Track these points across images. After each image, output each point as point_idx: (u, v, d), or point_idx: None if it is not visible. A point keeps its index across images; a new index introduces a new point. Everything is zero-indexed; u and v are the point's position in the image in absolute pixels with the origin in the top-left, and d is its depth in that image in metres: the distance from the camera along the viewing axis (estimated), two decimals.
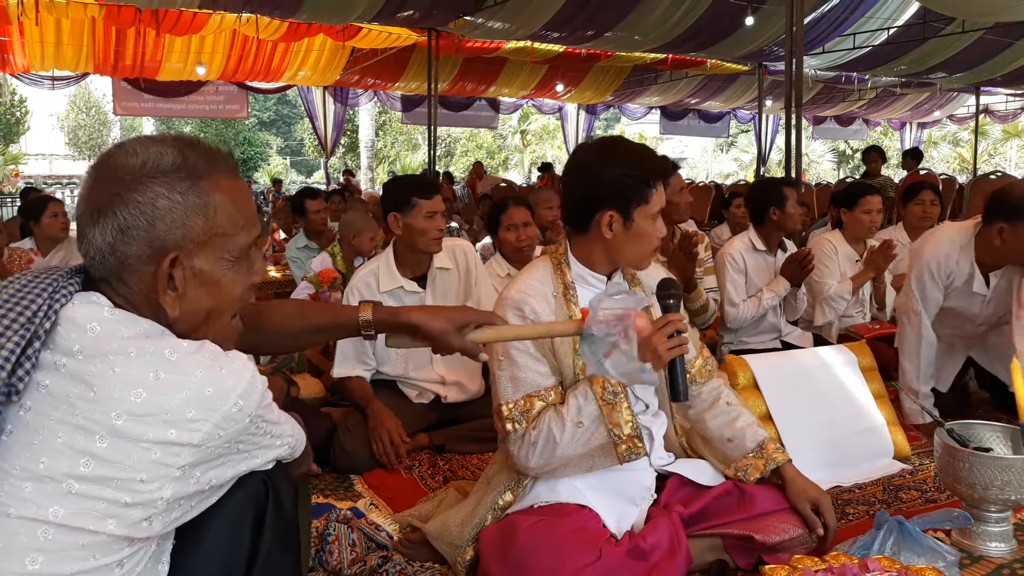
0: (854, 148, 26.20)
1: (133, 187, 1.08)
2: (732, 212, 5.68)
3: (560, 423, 1.70)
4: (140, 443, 1.02)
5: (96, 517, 1.02)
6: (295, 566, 1.32)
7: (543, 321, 1.77)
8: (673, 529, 1.72)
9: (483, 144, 29.45)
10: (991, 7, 7.98)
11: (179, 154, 1.12)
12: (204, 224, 1.11)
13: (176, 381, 1.04)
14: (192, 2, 8.47)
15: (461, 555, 1.83)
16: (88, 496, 1.01)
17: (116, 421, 1.01)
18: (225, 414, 1.06)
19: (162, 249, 1.09)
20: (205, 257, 1.12)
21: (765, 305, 3.50)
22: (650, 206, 1.77)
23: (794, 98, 6.24)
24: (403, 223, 2.77)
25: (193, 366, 1.05)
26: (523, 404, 1.74)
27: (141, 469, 1.02)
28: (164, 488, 1.04)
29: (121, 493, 1.02)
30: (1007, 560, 1.91)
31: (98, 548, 1.04)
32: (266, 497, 1.24)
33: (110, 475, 1.01)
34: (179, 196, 1.09)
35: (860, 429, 2.57)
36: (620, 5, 9.32)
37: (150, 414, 1.02)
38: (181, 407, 1.03)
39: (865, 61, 11.99)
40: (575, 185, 1.84)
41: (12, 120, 23.99)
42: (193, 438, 1.04)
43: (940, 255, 2.82)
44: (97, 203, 1.08)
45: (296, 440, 1.28)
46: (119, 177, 1.08)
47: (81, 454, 1.01)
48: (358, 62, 13.60)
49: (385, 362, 2.85)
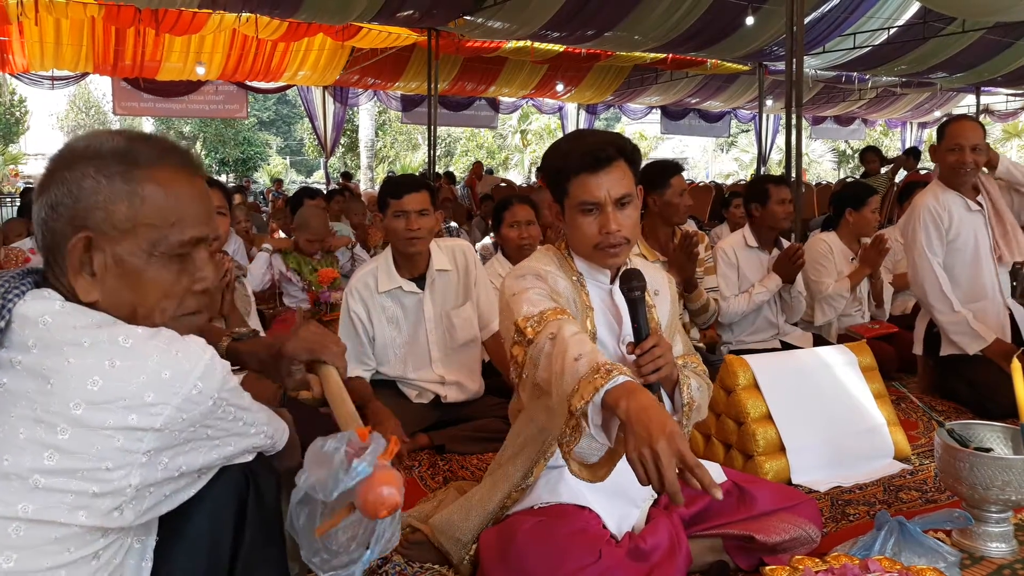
0: (854, 148, 26.20)
1: (68, 166, 1.10)
2: (732, 212, 5.69)
3: (573, 340, 1.51)
4: (101, 431, 1.02)
5: (66, 509, 1.02)
6: (279, 558, 1.32)
7: (563, 292, 1.74)
8: (673, 530, 1.72)
9: (483, 144, 29.45)
10: (991, 7, 7.97)
11: (126, 143, 1.13)
12: (127, 211, 1.11)
13: (132, 367, 1.04)
14: (192, 2, 8.46)
15: (467, 551, 1.82)
16: (55, 489, 1.01)
17: (75, 411, 1.01)
18: (185, 396, 1.05)
19: (81, 228, 1.09)
20: (127, 246, 1.11)
21: (756, 300, 3.51)
22: (571, 198, 1.76)
23: (794, 98, 6.23)
24: (384, 224, 2.80)
25: (149, 351, 1.05)
26: (539, 316, 1.63)
27: (105, 457, 1.02)
28: (131, 475, 1.04)
29: (88, 483, 1.02)
30: (1008, 560, 1.91)
31: (71, 541, 1.04)
32: (247, 489, 1.24)
33: (75, 466, 1.01)
34: (104, 179, 1.10)
35: (860, 429, 2.57)
36: (620, 5, 9.32)
37: (109, 401, 1.02)
38: (139, 392, 1.03)
39: (865, 61, 11.99)
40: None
41: (12, 120, 23.99)
42: (155, 422, 1.04)
43: (929, 201, 3.27)
44: (42, 181, 1.12)
45: (276, 431, 1.27)
46: (62, 157, 1.12)
47: (44, 447, 1.01)
48: (358, 62, 13.59)
49: (384, 362, 2.85)
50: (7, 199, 14.69)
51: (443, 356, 2.86)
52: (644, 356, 1.64)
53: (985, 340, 3.15)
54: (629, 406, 1.32)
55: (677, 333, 1.98)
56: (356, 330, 2.80)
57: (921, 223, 3.25)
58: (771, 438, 2.46)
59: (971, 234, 3.27)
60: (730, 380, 2.56)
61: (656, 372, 1.65)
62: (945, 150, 3.24)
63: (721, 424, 2.59)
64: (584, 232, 1.76)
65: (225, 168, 27.73)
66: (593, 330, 1.80)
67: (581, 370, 1.42)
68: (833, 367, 2.68)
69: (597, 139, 1.76)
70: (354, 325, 2.80)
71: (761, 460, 2.43)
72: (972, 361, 3.18)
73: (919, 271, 3.28)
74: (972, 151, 3.18)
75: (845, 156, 28.88)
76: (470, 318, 2.89)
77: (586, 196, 1.73)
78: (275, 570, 1.32)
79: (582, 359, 1.45)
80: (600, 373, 1.38)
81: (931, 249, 3.23)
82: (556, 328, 1.57)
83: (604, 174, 1.72)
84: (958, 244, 3.26)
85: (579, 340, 1.52)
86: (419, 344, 2.84)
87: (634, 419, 1.30)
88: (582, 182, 1.73)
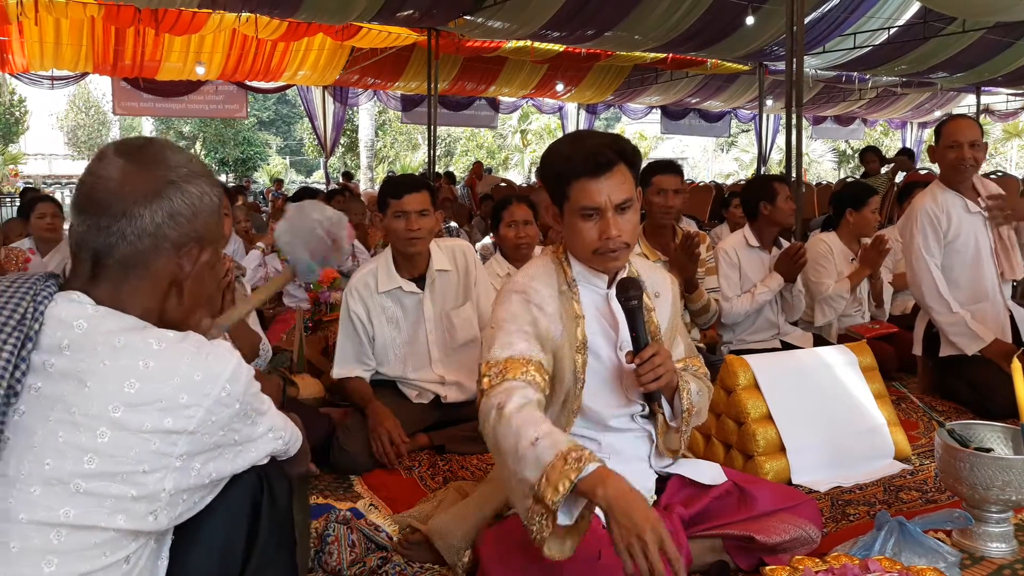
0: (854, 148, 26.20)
1: (188, 179, 1.16)
2: (732, 212, 5.69)
3: (521, 418, 1.51)
4: (139, 434, 1.04)
5: (106, 513, 1.03)
6: (290, 562, 1.33)
7: (549, 308, 1.76)
8: (673, 530, 1.71)
9: (483, 144, 29.45)
10: (991, 7, 7.97)
11: (205, 166, 1.24)
12: (216, 226, 1.21)
13: (166, 368, 1.07)
14: (191, 2, 8.46)
15: (460, 556, 1.82)
16: (96, 494, 1.03)
17: (115, 414, 1.03)
18: (216, 399, 1.09)
19: (198, 240, 1.17)
20: (208, 256, 1.20)
21: (759, 300, 3.51)
22: (571, 203, 1.73)
23: (794, 98, 6.23)
24: (383, 224, 2.79)
25: (180, 354, 1.09)
26: (503, 364, 1.65)
27: (143, 460, 1.04)
28: (166, 479, 1.07)
29: (127, 487, 1.04)
30: (1008, 561, 1.91)
31: (108, 545, 1.05)
32: (261, 492, 1.25)
33: (114, 469, 1.03)
34: (216, 197, 1.20)
35: (861, 429, 2.57)
36: (620, 5, 9.31)
37: (146, 403, 1.05)
38: (174, 394, 1.06)
39: (865, 61, 11.98)
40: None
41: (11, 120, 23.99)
42: (188, 425, 1.07)
43: (928, 202, 3.28)
44: (153, 184, 1.13)
45: (291, 436, 1.30)
46: (172, 167, 1.16)
47: (84, 451, 1.02)
48: (358, 62, 13.58)
49: (384, 362, 2.85)
50: (7, 199, 14.69)
51: (443, 356, 2.86)
52: (644, 365, 1.66)
53: (984, 341, 3.16)
54: (608, 494, 1.35)
55: (679, 335, 1.98)
56: (356, 330, 2.80)
57: (919, 225, 3.25)
58: (771, 438, 2.46)
59: (971, 235, 3.26)
60: (730, 380, 2.56)
61: (656, 381, 1.66)
62: (944, 148, 3.25)
63: (721, 424, 2.59)
64: (584, 237, 1.74)
65: (225, 168, 27.72)
66: (583, 339, 1.78)
67: (545, 457, 1.41)
68: (833, 367, 2.68)
69: (597, 142, 1.73)
70: (354, 325, 2.80)
71: (761, 460, 2.43)
72: (972, 361, 3.18)
73: (916, 273, 3.28)
74: (971, 147, 3.19)
75: (845, 156, 28.88)
76: (470, 318, 2.89)
77: (586, 201, 1.70)
78: (286, 573, 1.32)
79: (541, 442, 1.44)
80: (570, 463, 1.38)
81: (928, 251, 3.24)
82: (503, 398, 1.56)
83: (605, 179, 1.69)
84: (957, 245, 3.26)
85: (528, 417, 1.51)
86: (419, 344, 2.84)
87: (616, 509, 1.34)
88: (582, 187, 1.70)
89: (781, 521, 1.81)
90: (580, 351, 1.78)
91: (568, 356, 1.77)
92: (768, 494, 1.87)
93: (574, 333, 1.78)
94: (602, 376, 1.81)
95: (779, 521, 1.81)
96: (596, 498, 1.36)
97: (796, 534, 1.80)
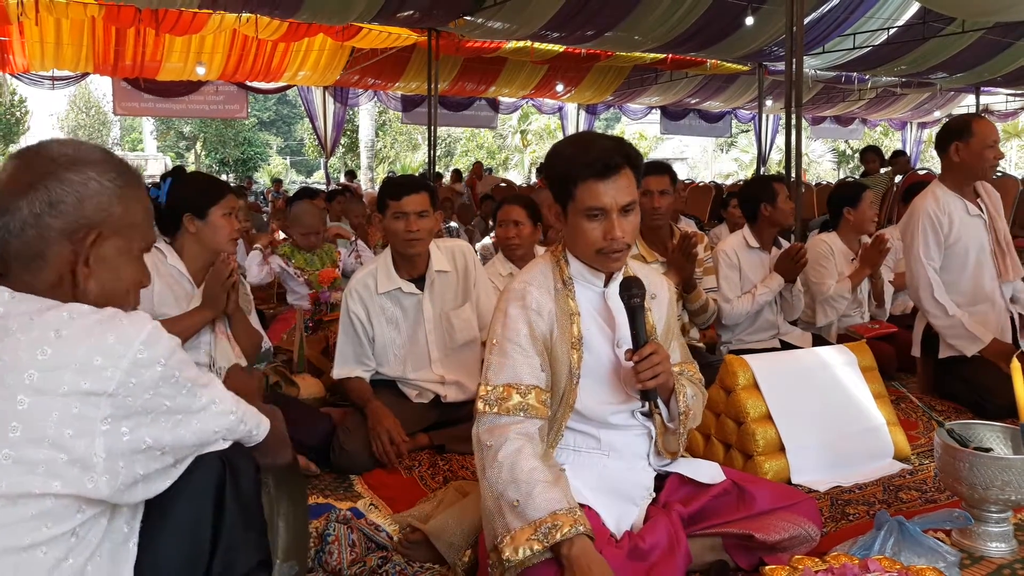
0: (854, 148, 26.20)
1: (68, 168, 1.18)
2: (731, 212, 5.69)
3: (512, 469, 1.62)
4: (57, 397, 1.06)
5: (40, 479, 1.05)
6: (259, 542, 1.37)
7: (545, 310, 1.79)
8: (672, 528, 1.72)
9: (483, 144, 29.45)
10: (991, 7, 7.97)
11: (104, 153, 1.25)
12: (122, 213, 1.22)
13: (77, 335, 1.10)
14: (192, 2, 8.46)
15: (461, 556, 1.83)
16: (25, 461, 1.04)
17: (28, 380, 1.06)
18: (132, 360, 1.10)
19: (86, 226, 1.18)
20: (115, 244, 1.22)
21: (759, 301, 3.51)
22: (576, 203, 1.76)
23: (794, 98, 6.23)
24: (383, 224, 2.79)
25: (92, 322, 1.12)
26: (501, 391, 1.73)
27: (66, 424, 1.06)
28: (95, 443, 1.07)
29: (55, 451, 1.05)
30: (1007, 560, 1.91)
31: (48, 517, 1.06)
32: (224, 475, 1.30)
33: (38, 435, 1.05)
34: (108, 183, 1.21)
35: (860, 429, 2.57)
36: (620, 5, 9.32)
37: (59, 367, 1.07)
38: (87, 355, 1.08)
39: (865, 61, 11.98)
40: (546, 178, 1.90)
41: (12, 120, 23.99)
42: (107, 386, 1.08)
43: (930, 203, 3.25)
44: (30, 177, 1.17)
45: (248, 417, 1.34)
46: (53, 158, 1.19)
47: (7, 420, 1.04)
48: (358, 62, 13.59)
49: (384, 363, 2.85)
50: None
51: (443, 356, 2.86)
52: (642, 363, 1.69)
53: (982, 342, 3.15)
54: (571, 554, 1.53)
55: (675, 340, 1.99)
56: (355, 331, 2.80)
57: (920, 228, 3.24)
58: (771, 438, 2.46)
59: (972, 237, 3.25)
60: (730, 380, 2.56)
61: (654, 379, 1.69)
62: (982, 148, 3.16)
63: (721, 424, 2.60)
64: (588, 237, 1.76)
65: (225, 168, 27.73)
66: (579, 335, 1.81)
67: (530, 515, 1.57)
68: (833, 367, 2.68)
69: (605, 145, 1.76)
70: (353, 326, 2.80)
71: (761, 460, 2.43)
72: (971, 362, 3.18)
73: (915, 276, 3.28)
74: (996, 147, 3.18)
75: (845, 156, 28.88)
76: (469, 319, 2.89)
77: (593, 202, 1.74)
78: (255, 553, 1.36)
79: (532, 499, 1.58)
80: (538, 534, 1.55)
81: (927, 255, 3.23)
82: (497, 440, 1.67)
83: (612, 182, 1.73)
84: (958, 248, 3.24)
85: (517, 471, 1.62)
86: (418, 345, 2.84)
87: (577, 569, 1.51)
88: (590, 188, 1.73)
89: (780, 519, 1.81)
90: (576, 347, 1.80)
91: (564, 352, 1.79)
92: (767, 493, 1.87)
93: (569, 330, 1.80)
94: (598, 373, 1.83)
95: (778, 519, 1.81)
96: (559, 555, 1.53)
97: (795, 532, 1.80)
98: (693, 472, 1.89)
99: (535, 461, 1.64)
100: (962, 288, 3.26)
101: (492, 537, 1.63)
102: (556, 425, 1.81)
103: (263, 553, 1.38)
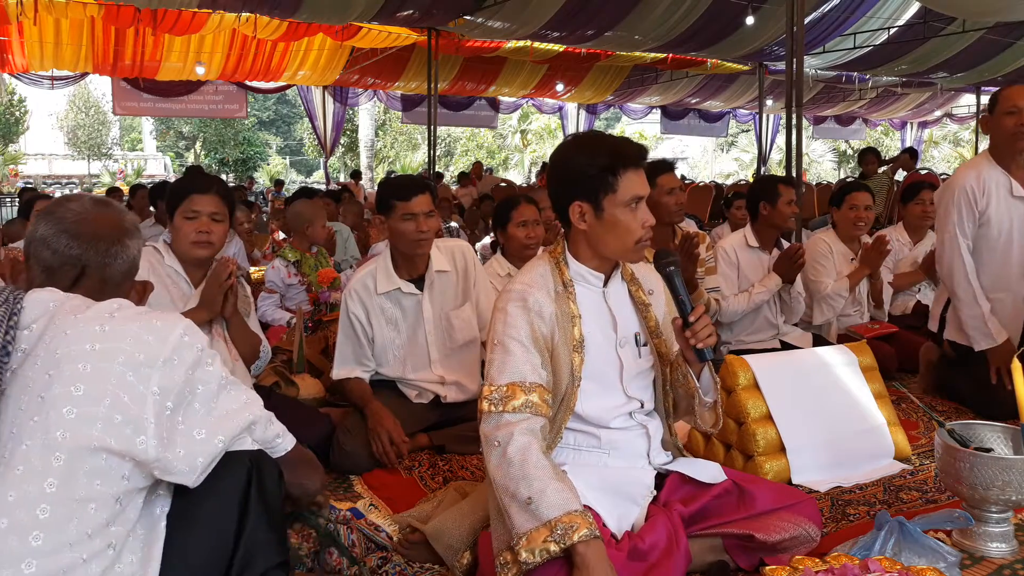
0: (854, 148, 26.21)
1: (136, 233, 1.53)
2: (733, 213, 5.68)
3: (523, 465, 1.61)
4: (115, 364, 1.22)
5: (97, 433, 1.18)
6: (280, 543, 1.40)
7: (546, 312, 1.78)
8: (672, 529, 1.72)
9: (483, 144, 29.44)
10: (991, 7, 7.98)
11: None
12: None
13: (128, 316, 1.29)
14: (191, 2, 8.46)
15: (459, 558, 1.82)
16: (86, 417, 1.18)
17: (90, 348, 1.22)
18: (177, 341, 1.28)
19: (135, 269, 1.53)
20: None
21: (756, 300, 3.50)
22: (618, 194, 1.75)
23: (794, 98, 6.23)
24: (387, 225, 2.78)
25: (137, 312, 1.32)
26: (505, 390, 1.71)
27: (123, 389, 1.21)
28: (146, 408, 1.22)
29: (112, 411, 1.19)
30: (1008, 561, 1.91)
31: (99, 474, 1.18)
32: (250, 476, 1.35)
33: (99, 394, 1.19)
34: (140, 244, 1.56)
35: (860, 429, 2.57)
36: (620, 5, 9.32)
37: (116, 339, 1.24)
38: (139, 332, 1.26)
39: (865, 61, 11.99)
40: (551, 179, 1.88)
41: (11, 120, 24.00)
42: (156, 359, 1.25)
43: (970, 176, 3.08)
44: (128, 226, 1.51)
45: (277, 424, 1.45)
46: (131, 222, 1.54)
47: (71, 381, 1.19)
48: (358, 61, 13.59)
49: (384, 363, 2.84)
50: (7, 199, 14.68)
51: (442, 357, 2.85)
52: (699, 322, 1.75)
53: (995, 340, 3.05)
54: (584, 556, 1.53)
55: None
56: (355, 331, 2.80)
57: (954, 201, 3.07)
58: (771, 438, 2.46)
59: (1007, 219, 3.07)
60: (730, 380, 2.56)
61: (710, 336, 1.77)
62: (1002, 114, 3.01)
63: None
64: (630, 228, 1.77)
65: (225, 168, 27.70)
66: (580, 338, 1.80)
67: (545, 515, 1.56)
68: (833, 367, 2.68)
69: (626, 139, 1.84)
70: (353, 326, 2.80)
71: (761, 460, 2.43)
72: (973, 360, 3.17)
73: (947, 252, 3.12)
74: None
75: (845, 156, 28.88)
76: (469, 319, 2.88)
77: (638, 190, 1.77)
78: (276, 554, 1.37)
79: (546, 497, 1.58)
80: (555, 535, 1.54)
81: (962, 231, 3.06)
82: (505, 436, 1.66)
83: (642, 171, 1.80)
84: (990, 227, 3.07)
85: (529, 467, 1.61)
86: (418, 345, 2.84)
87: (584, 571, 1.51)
88: (633, 177, 1.76)
89: (780, 519, 1.81)
90: (577, 350, 1.79)
91: (565, 355, 1.78)
92: (767, 493, 1.87)
93: (571, 332, 1.79)
94: (600, 375, 1.82)
95: (778, 519, 1.81)
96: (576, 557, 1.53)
97: (796, 532, 1.80)
98: (693, 472, 1.89)
99: (545, 459, 1.64)
100: (986, 269, 3.11)
101: (506, 537, 1.62)
102: (555, 427, 1.80)
103: (283, 554, 1.40)
